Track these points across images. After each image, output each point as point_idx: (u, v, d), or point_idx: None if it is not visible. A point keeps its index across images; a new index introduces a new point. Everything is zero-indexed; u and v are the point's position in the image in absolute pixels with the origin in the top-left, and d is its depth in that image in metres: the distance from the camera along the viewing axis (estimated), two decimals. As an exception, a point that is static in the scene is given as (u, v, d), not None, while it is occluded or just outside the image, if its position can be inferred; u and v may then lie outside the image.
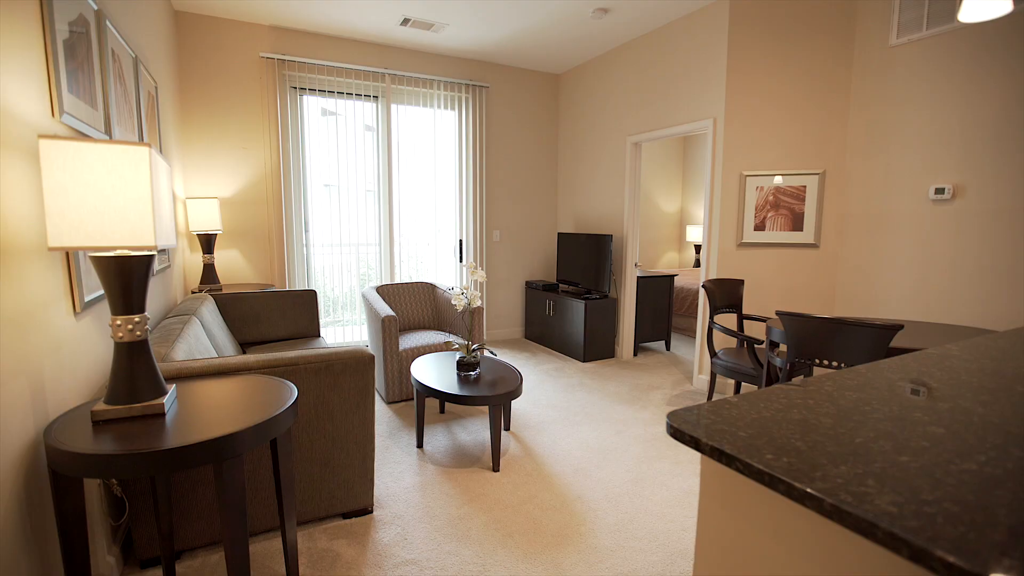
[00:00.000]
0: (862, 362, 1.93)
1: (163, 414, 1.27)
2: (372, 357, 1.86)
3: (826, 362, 2.01)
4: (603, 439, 2.87)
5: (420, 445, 2.74)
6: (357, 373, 1.84)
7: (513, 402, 3.44)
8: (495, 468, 2.47)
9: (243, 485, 1.20)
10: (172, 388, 1.38)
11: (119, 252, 1.20)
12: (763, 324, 3.57)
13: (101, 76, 1.82)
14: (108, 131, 1.86)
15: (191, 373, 1.59)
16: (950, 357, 1.42)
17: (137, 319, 1.24)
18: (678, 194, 7.61)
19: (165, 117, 3.12)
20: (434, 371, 2.76)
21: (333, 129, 4.52)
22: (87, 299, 1.53)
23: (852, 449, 0.82)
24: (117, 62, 2.02)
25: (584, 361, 4.55)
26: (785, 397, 1.08)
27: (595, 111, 4.92)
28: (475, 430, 2.97)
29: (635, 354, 4.81)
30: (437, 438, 2.86)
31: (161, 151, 2.87)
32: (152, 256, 1.26)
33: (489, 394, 2.40)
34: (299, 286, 4.45)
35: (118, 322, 1.23)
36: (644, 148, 7.01)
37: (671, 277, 4.98)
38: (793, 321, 2.06)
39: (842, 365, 1.97)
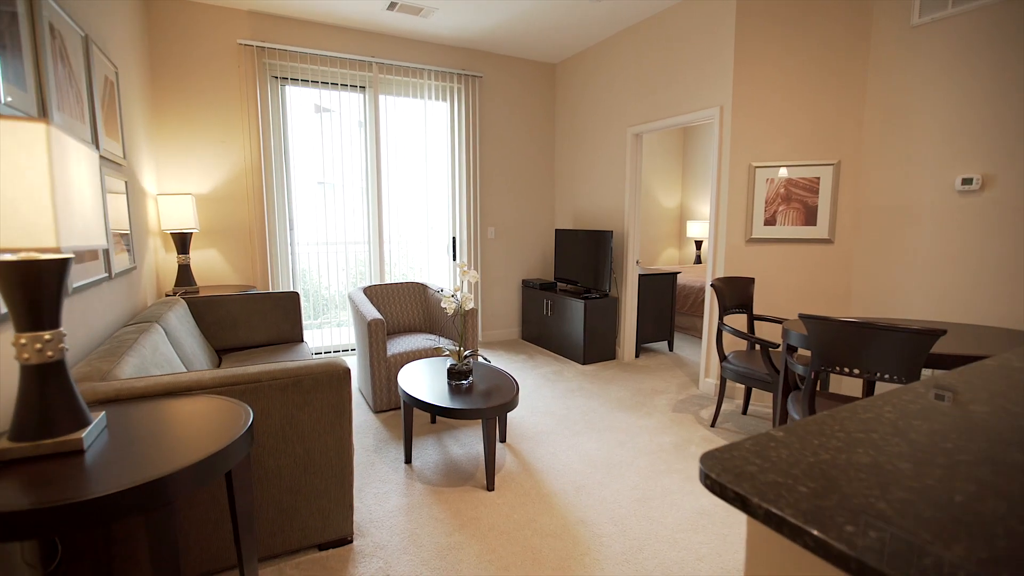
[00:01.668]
0: (898, 371, 1.73)
1: (82, 451, 1.05)
2: (347, 371, 1.65)
3: (856, 371, 1.81)
4: (606, 451, 2.67)
5: (408, 460, 2.53)
6: (330, 389, 1.63)
7: (509, 410, 3.23)
8: (489, 487, 2.26)
9: (175, 538, 0.99)
10: (101, 416, 1.16)
11: (24, 256, 0.98)
12: (774, 325, 3.36)
13: (34, 54, 1.59)
14: (44, 116, 1.64)
15: (132, 394, 1.37)
16: (1012, 370, 1.22)
17: (48, 336, 1.03)
18: (677, 189, 7.41)
19: (130, 105, 2.89)
20: (423, 380, 2.55)
21: (318, 121, 4.29)
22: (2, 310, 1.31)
23: (955, 514, 0.61)
24: (58, 39, 1.79)
25: (584, 364, 4.34)
26: (841, 429, 0.87)
27: (594, 101, 4.70)
28: (469, 442, 2.76)
29: (637, 355, 4.61)
30: (427, 452, 2.65)
31: (124, 141, 2.64)
32: (66, 260, 1.04)
33: (482, 406, 2.19)
34: (283, 287, 4.22)
35: (23, 340, 1.01)
36: (643, 141, 6.79)
37: (674, 275, 4.78)
38: (818, 325, 1.85)
39: (876, 375, 1.77)
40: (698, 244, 7.09)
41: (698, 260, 7.08)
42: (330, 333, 4.70)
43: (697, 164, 7.10)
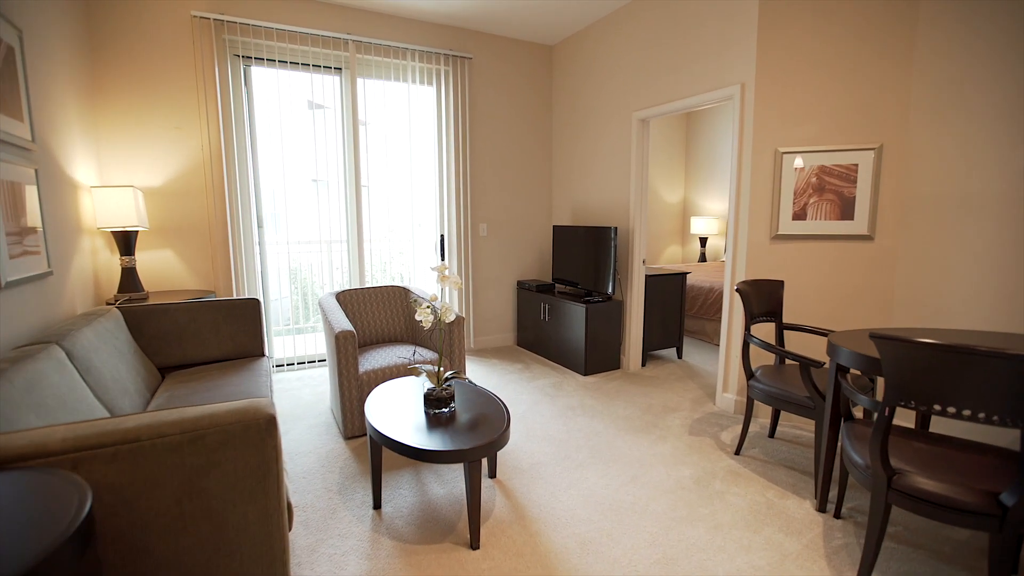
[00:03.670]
0: (1011, 412, 1.30)
1: None
2: (271, 419, 1.21)
3: (950, 409, 1.38)
4: (615, 489, 2.24)
5: (377, 505, 2.10)
6: (247, 446, 1.19)
7: (501, 434, 2.80)
8: (473, 544, 1.83)
9: None
10: None
11: None
12: (806, 336, 2.93)
13: None
14: None
15: (-68, 470, 0.93)
16: None
17: None
18: (680, 182, 6.99)
19: (48, 79, 2.43)
20: (395, 408, 2.11)
21: (289, 107, 3.83)
22: None
23: None
24: None
25: (585, 374, 3.92)
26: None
27: (595, 85, 4.26)
28: (451, 479, 2.33)
29: (643, 364, 4.19)
30: (401, 492, 2.22)
31: (32, 120, 2.18)
32: None
33: (465, 446, 1.76)
34: (250, 292, 3.78)
35: None
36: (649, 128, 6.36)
37: (683, 275, 4.35)
38: (897, 349, 1.42)
39: (979, 415, 1.34)
40: (703, 241, 6.67)
41: (703, 258, 6.67)
42: (303, 341, 4.26)
43: (702, 155, 6.67)
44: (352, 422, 2.73)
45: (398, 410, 2.08)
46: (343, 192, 4.12)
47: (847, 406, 1.96)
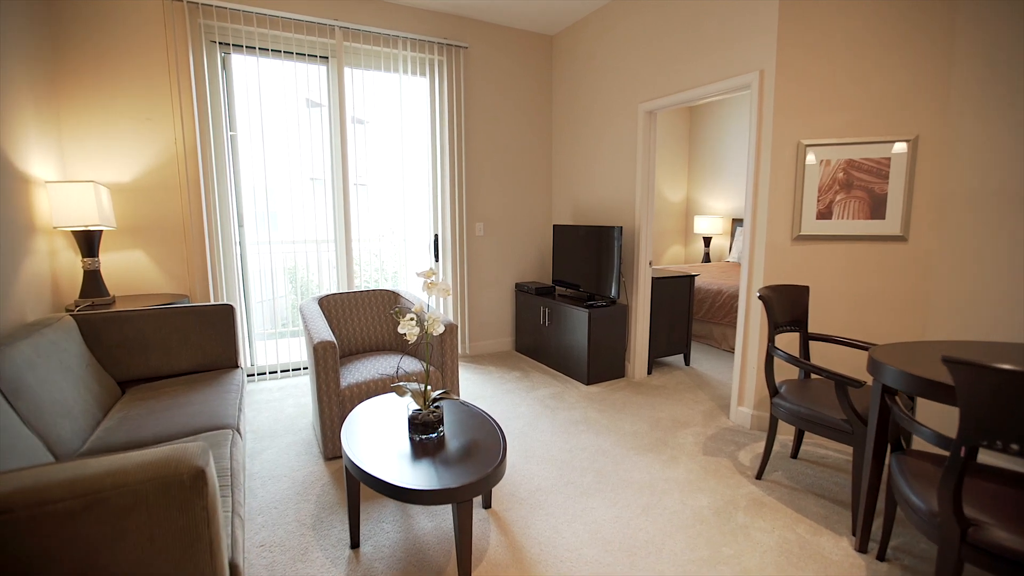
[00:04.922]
0: None
1: None
2: (197, 473, 0.95)
3: (1048, 452, 1.13)
4: (625, 523, 1.99)
5: (355, 544, 1.84)
6: (167, 507, 0.93)
7: (497, 454, 2.54)
8: (464, 596, 1.58)
9: None
10: None
11: None
12: (834, 347, 2.68)
13: None
14: None
15: None
16: None
17: None
18: (683, 180, 6.74)
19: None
20: (376, 433, 1.85)
21: (271, 97, 3.56)
22: None
23: None
24: None
25: (588, 383, 3.66)
26: None
27: (598, 76, 4.00)
28: (441, 510, 2.07)
29: (649, 372, 3.94)
30: (383, 527, 1.96)
31: (-37, 108, 1.92)
32: None
33: (453, 484, 1.50)
34: (228, 297, 3.52)
35: None
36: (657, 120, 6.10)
37: (691, 277, 4.10)
38: (981, 377, 1.17)
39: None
40: (707, 241, 6.43)
41: (707, 258, 6.42)
42: (287, 346, 4.00)
43: (707, 151, 6.42)
44: (332, 442, 2.47)
45: (379, 435, 1.83)
46: (330, 189, 3.86)
47: (896, 433, 1.71)
